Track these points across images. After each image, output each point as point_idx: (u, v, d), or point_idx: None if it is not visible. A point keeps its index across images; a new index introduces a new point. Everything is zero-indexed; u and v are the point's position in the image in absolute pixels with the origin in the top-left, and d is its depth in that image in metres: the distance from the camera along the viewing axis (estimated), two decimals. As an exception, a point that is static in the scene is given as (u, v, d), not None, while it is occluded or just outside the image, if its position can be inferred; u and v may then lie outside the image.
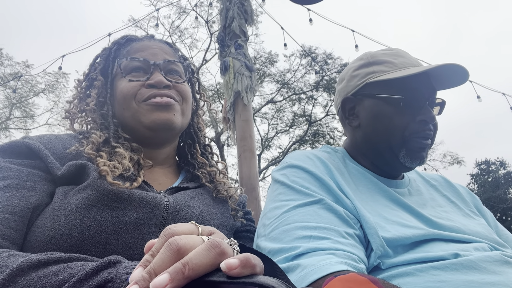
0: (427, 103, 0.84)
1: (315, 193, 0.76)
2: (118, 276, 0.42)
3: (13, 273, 0.46)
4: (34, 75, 11.86)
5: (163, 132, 0.82)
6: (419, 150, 0.83)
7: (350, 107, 0.93)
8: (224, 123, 3.94)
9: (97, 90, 0.83)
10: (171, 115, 0.80)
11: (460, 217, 0.86)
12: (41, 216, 0.63)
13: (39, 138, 0.73)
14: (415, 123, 0.83)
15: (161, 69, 0.83)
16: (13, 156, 0.69)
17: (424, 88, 0.85)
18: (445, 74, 0.85)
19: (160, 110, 0.79)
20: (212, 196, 0.87)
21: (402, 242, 0.70)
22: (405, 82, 0.83)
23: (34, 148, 0.69)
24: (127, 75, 0.82)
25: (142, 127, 0.80)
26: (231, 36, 3.90)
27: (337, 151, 0.95)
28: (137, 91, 0.80)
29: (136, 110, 0.79)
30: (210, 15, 11.05)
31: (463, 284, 0.60)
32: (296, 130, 13.63)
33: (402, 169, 0.87)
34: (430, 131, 0.84)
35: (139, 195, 0.68)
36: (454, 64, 0.80)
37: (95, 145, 0.73)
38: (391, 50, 0.92)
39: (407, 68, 0.84)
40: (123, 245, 0.63)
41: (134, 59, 0.82)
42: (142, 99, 0.80)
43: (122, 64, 0.82)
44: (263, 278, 0.32)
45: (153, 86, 0.80)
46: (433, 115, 0.83)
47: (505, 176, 20.51)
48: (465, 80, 0.86)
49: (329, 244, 0.64)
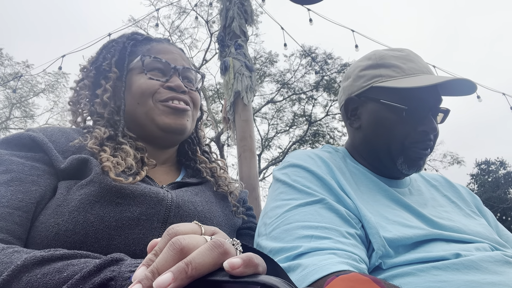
0: (430, 113, 0.84)
1: (317, 192, 0.75)
2: (121, 274, 0.42)
3: (17, 270, 0.46)
4: (34, 75, 11.87)
5: (174, 136, 0.83)
6: (417, 159, 0.84)
7: (353, 107, 0.92)
8: (224, 123, 3.95)
9: (111, 82, 0.83)
10: (184, 121, 0.83)
11: (461, 217, 0.86)
12: (44, 211, 0.63)
13: (42, 130, 0.73)
14: (416, 132, 0.82)
15: (179, 74, 0.85)
16: (16, 148, 0.69)
17: (429, 98, 0.84)
18: (453, 85, 0.84)
19: (176, 115, 0.81)
20: (214, 193, 0.87)
21: (403, 242, 0.70)
22: (411, 92, 0.82)
23: (38, 140, 0.69)
24: (148, 72, 0.83)
25: (155, 126, 0.80)
26: (231, 36, 3.90)
27: (338, 151, 0.95)
28: (157, 89, 0.81)
29: (151, 108, 0.80)
30: (210, 15, 11.07)
31: (464, 284, 0.60)
32: (296, 130, 13.64)
33: (399, 175, 0.88)
34: (430, 141, 0.84)
35: (142, 190, 0.68)
36: (463, 79, 0.80)
37: (98, 140, 0.73)
38: (401, 52, 0.89)
39: (415, 75, 0.83)
40: (126, 241, 0.63)
41: (157, 59, 0.84)
42: (160, 99, 0.81)
43: (146, 61, 0.83)
44: (266, 278, 0.32)
45: (172, 89, 0.82)
46: (435, 125, 0.83)
47: (505, 176, 20.52)
48: (472, 91, 0.85)
49: (330, 244, 0.64)
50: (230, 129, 3.86)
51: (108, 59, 0.86)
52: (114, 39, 0.91)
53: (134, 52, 0.87)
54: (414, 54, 0.90)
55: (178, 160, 0.95)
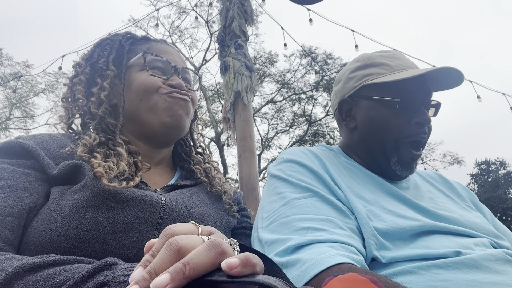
0: (423, 105, 0.85)
1: (312, 186, 0.77)
2: (114, 279, 0.42)
3: (9, 277, 0.45)
4: (34, 75, 11.86)
5: (173, 131, 0.83)
6: (410, 160, 0.85)
7: (347, 109, 0.93)
8: (224, 123, 3.94)
9: (109, 80, 0.82)
10: (185, 114, 0.84)
11: (457, 209, 0.86)
12: (37, 217, 0.63)
13: (33, 137, 0.73)
14: (411, 125, 0.83)
15: (179, 74, 0.86)
16: (7, 156, 0.69)
17: (420, 91, 0.85)
18: (441, 77, 0.86)
19: (179, 105, 0.82)
20: (209, 194, 0.87)
21: (399, 235, 0.71)
22: (402, 85, 0.83)
23: (28, 147, 0.68)
24: (150, 70, 0.83)
25: (158, 120, 0.80)
26: (231, 36, 3.90)
27: (332, 149, 0.97)
28: (160, 85, 0.82)
29: (157, 101, 0.80)
30: (210, 15, 11.08)
31: (466, 283, 0.60)
32: (296, 130, 13.65)
33: (394, 176, 0.88)
34: (425, 134, 0.85)
35: (135, 194, 0.67)
36: (449, 67, 0.81)
37: (87, 147, 0.72)
38: (387, 52, 0.92)
39: (403, 71, 0.85)
40: (120, 245, 0.63)
41: (159, 57, 0.84)
42: (164, 92, 0.82)
43: (148, 58, 0.83)
44: (263, 277, 0.32)
45: (173, 86, 0.83)
46: (428, 117, 0.84)
47: (505, 176, 20.52)
48: (460, 82, 0.86)
49: (327, 236, 0.65)
50: (230, 129, 3.86)
51: (105, 56, 0.84)
52: (108, 37, 0.90)
53: (133, 50, 0.87)
54: (400, 53, 0.93)
55: (173, 161, 0.94)
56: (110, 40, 0.88)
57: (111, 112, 0.82)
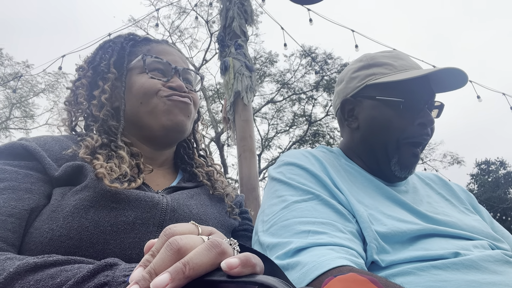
0: (427, 106, 0.85)
1: (312, 189, 0.76)
2: (115, 279, 0.42)
3: (9, 277, 0.46)
4: (34, 75, 11.85)
5: (175, 134, 0.83)
6: (410, 161, 0.84)
7: (350, 108, 0.93)
8: (224, 123, 3.94)
9: (110, 83, 0.82)
10: (186, 117, 0.83)
11: (456, 213, 0.86)
12: (39, 218, 0.63)
13: (35, 139, 0.73)
14: (414, 126, 0.83)
15: (180, 75, 0.85)
16: (10, 158, 0.69)
17: (423, 91, 0.85)
18: (444, 78, 0.85)
19: (179, 109, 0.81)
20: (210, 196, 0.87)
21: (399, 238, 0.70)
22: (405, 85, 0.83)
23: (31, 149, 0.69)
24: (149, 72, 0.82)
25: (158, 123, 0.80)
26: (231, 36, 3.89)
27: (333, 151, 0.96)
28: (160, 88, 0.81)
29: (156, 104, 0.80)
30: (210, 15, 11.07)
31: (464, 284, 0.60)
32: (296, 130, 13.64)
33: (392, 177, 0.87)
34: (427, 135, 0.85)
35: (137, 195, 0.67)
36: (453, 68, 0.80)
37: (89, 148, 0.72)
38: (390, 52, 0.92)
39: (407, 71, 0.85)
40: (121, 246, 0.63)
41: (159, 58, 0.84)
42: (163, 95, 0.81)
43: (147, 61, 0.83)
44: (263, 277, 0.32)
45: (173, 88, 0.82)
46: (431, 118, 0.83)
47: (505, 176, 20.51)
48: (464, 83, 0.86)
49: (328, 239, 0.64)
50: (230, 129, 3.85)
51: (106, 59, 0.84)
52: (111, 39, 0.90)
53: (134, 52, 0.86)
54: (403, 53, 0.92)
55: (175, 163, 0.94)
56: (112, 42, 0.88)
57: (113, 114, 0.82)
